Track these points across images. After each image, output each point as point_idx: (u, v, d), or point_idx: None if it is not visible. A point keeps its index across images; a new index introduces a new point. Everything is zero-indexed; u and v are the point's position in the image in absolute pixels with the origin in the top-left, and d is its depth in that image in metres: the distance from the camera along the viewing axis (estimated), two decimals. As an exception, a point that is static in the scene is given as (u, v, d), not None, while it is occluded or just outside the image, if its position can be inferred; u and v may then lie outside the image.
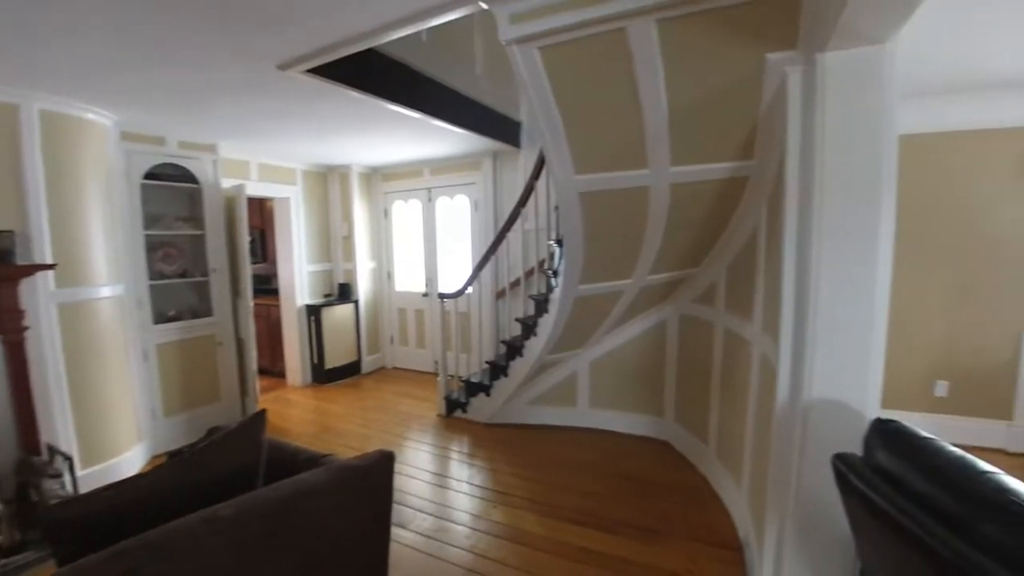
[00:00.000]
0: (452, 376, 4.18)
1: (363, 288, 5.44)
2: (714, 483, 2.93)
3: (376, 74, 2.80)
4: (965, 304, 3.33)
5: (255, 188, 4.50)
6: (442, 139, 4.05)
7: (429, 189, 5.25)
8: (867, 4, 1.27)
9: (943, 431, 3.39)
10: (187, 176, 3.70)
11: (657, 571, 2.24)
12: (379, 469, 1.49)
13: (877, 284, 1.46)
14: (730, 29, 1.73)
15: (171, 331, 3.65)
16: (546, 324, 3.14)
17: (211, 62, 2.26)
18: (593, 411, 3.79)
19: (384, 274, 5.67)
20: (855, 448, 1.39)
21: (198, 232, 3.77)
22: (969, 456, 1.14)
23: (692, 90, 1.89)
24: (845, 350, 1.50)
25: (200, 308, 3.87)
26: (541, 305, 3.29)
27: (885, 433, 1.26)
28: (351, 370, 5.36)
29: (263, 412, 1.54)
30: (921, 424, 3.48)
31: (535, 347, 3.33)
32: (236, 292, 4.01)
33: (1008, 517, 0.95)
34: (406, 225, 5.54)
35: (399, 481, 3.08)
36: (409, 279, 5.58)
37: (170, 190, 3.67)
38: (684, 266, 2.89)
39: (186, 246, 3.82)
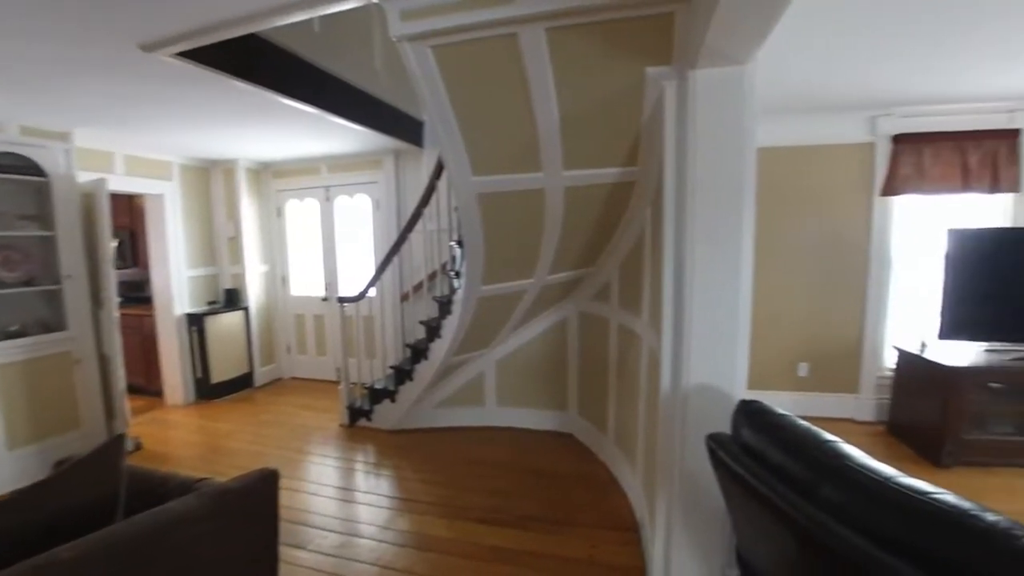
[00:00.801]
0: (355, 384, 4.01)
1: (254, 294, 5.04)
2: (614, 470, 3.10)
3: (263, 63, 2.61)
4: (820, 295, 3.83)
5: (120, 183, 3.98)
6: (340, 136, 3.87)
7: (327, 187, 4.99)
8: (726, 28, 1.41)
9: (805, 406, 3.91)
10: (32, 168, 3.17)
11: (563, 560, 2.32)
12: (261, 490, 1.38)
13: (741, 280, 1.63)
14: (613, 42, 1.84)
15: (14, 349, 3.11)
16: (450, 325, 3.12)
17: (59, 35, 1.95)
18: (501, 409, 3.83)
19: (278, 278, 5.30)
20: (726, 428, 1.54)
21: (47, 233, 3.25)
22: (815, 428, 1.30)
23: (581, 98, 1.98)
24: (716, 340, 1.66)
25: (52, 321, 3.35)
26: (445, 307, 3.26)
27: (748, 412, 1.40)
28: (242, 383, 4.94)
29: (121, 436, 1.36)
30: (787, 401, 3.96)
31: (440, 349, 3.30)
32: (97, 301, 3.52)
33: (843, 479, 1.10)
34: (302, 225, 5.22)
35: (298, 499, 2.90)
36: (306, 283, 5.26)
37: (10, 184, 3.13)
38: (581, 266, 3.03)
39: (32, 249, 3.28)
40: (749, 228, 1.63)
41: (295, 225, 5.24)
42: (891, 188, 3.60)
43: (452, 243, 3.41)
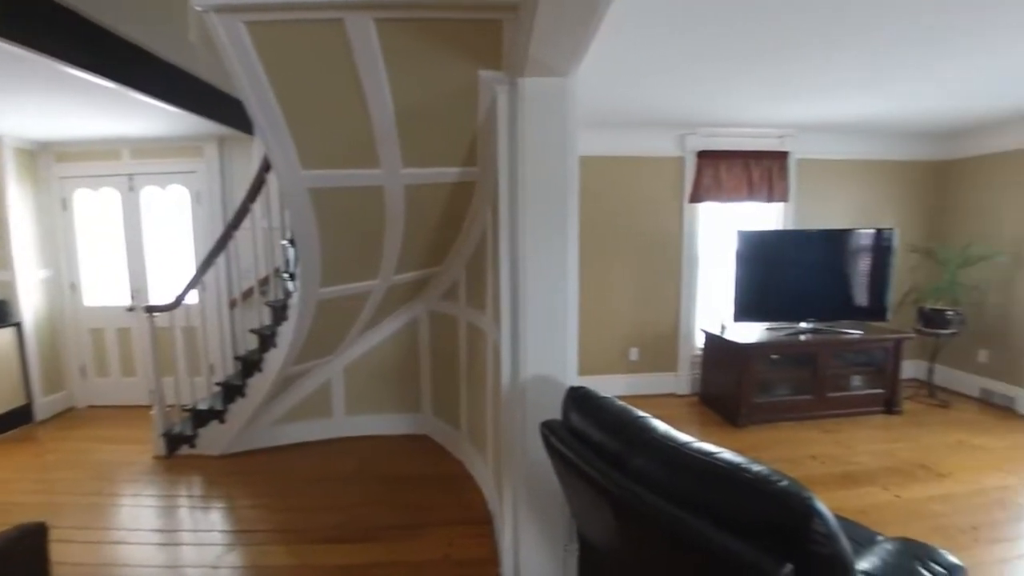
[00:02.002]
0: (172, 406, 3.47)
1: (30, 306, 4.06)
2: (469, 466, 3.14)
3: (37, 21, 2.10)
4: (644, 288, 4.33)
5: None
6: (145, 115, 3.29)
7: (130, 176, 4.22)
8: (546, 41, 1.50)
9: (637, 386, 4.38)
10: None
11: (419, 565, 2.27)
12: (21, 549, 1.11)
13: (568, 276, 1.75)
14: (447, 42, 1.84)
15: None
16: (287, 333, 2.86)
17: None
18: (351, 418, 3.63)
19: (66, 285, 4.35)
20: (560, 414, 1.64)
21: None
22: (629, 407, 1.45)
23: (416, 94, 1.95)
24: (549, 332, 1.76)
25: None
26: (279, 312, 2.98)
27: (576, 398, 1.51)
28: (17, 419, 3.96)
29: None
30: (622, 383, 4.38)
31: (276, 359, 3.01)
32: None
33: (650, 450, 1.24)
34: (98, 221, 4.33)
35: (98, 552, 2.41)
36: (106, 291, 4.39)
37: None
38: (429, 265, 3.00)
39: None
40: (574, 228, 1.76)
41: (88, 221, 4.33)
42: (696, 196, 4.21)
43: (284, 242, 3.13)
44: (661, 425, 1.31)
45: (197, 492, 3.03)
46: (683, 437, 1.24)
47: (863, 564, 1.47)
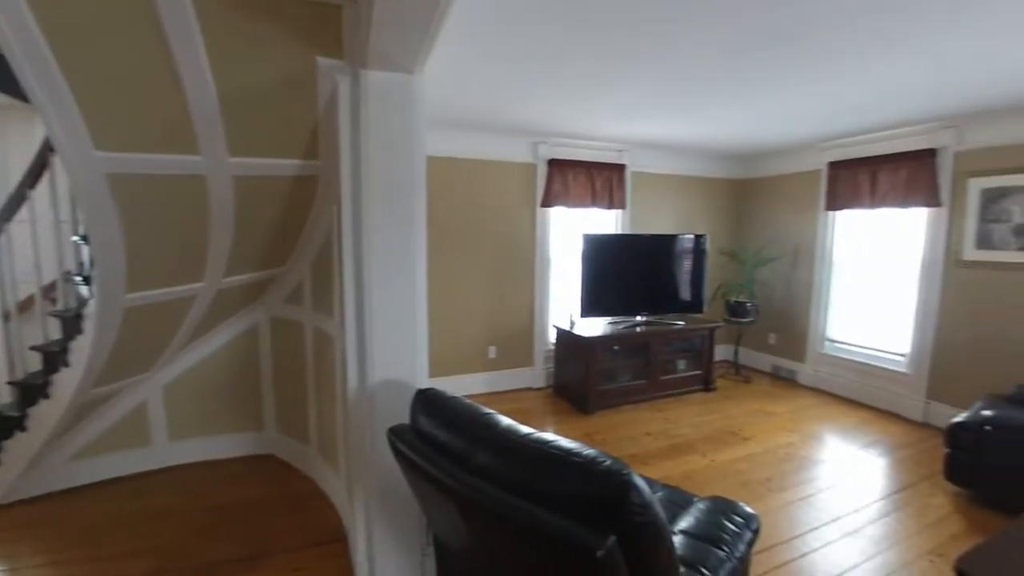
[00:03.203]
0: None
1: None
2: (320, 482, 2.92)
3: None
4: (501, 288, 4.47)
5: None
6: None
7: None
8: (386, 33, 1.45)
9: (496, 382, 4.48)
10: None
11: (255, 599, 2.05)
12: None
13: (416, 276, 1.72)
14: (279, 23, 1.69)
15: None
16: (83, 348, 2.36)
17: None
18: (175, 444, 3.14)
19: None
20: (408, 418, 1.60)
21: None
22: (475, 405, 1.46)
23: (244, 77, 1.75)
24: (397, 335, 1.71)
25: None
26: (72, 324, 2.45)
27: (423, 400, 1.49)
28: None
29: None
30: (482, 380, 4.44)
31: (69, 381, 2.47)
32: None
33: (492, 445, 1.26)
34: None
35: None
36: None
37: None
38: (268, 266, 2.73)
39: None
40: (421, 227, 1.74)
41: None
42: (547, 201, 4.46)
43: (75, 238, 2.59)
44: (504, 420, 1.35)
45: (-49, 559, 2.36)
46: (524, 429, 1.29)
47: (681, 524, 1.68)
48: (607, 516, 1.01)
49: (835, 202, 4.52)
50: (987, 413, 2.78)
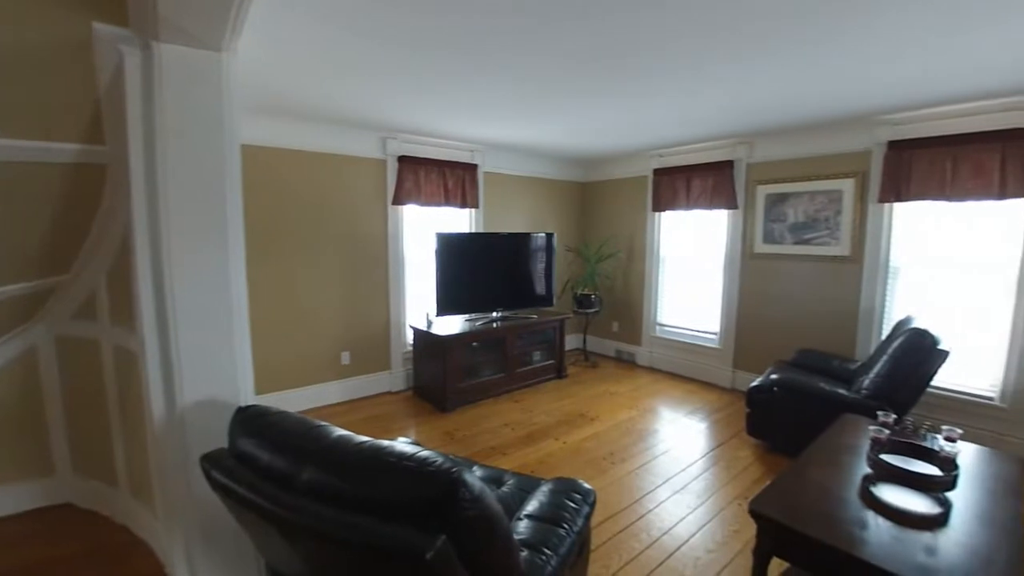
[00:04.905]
0: None
1: None
2: (135, 527, 2.48)
3: None
4: (353, 290, 4.24)
5: None
6: None
7: None
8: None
9: (352, 389, 4.24)
10: None
11: None
12: None
13: (232, 279, 1.53)
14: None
15: None
16: None
17: None
18: (-87, 509, 2.42)
19: None
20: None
21: None
22: (306, 419, 1.35)
23: (-15, 36, 1.40)
24: (212, 347, 1.51)
25: None
26: None
27: (244, 419, 1.33)
28: None
29: None
30: (336, 389, 4.18)
31: None
32: None
33: (321, 460, 1.17)
34: None
35: None
36: None
37: None
38: (46, 274, 2.22)
39: None
40: (237, 225, 1.55)
41: None
42: (399, 199, 4.35)
43: None
44: (337, 431, 1.26)
45: None
46: (359, 438, 1.22)
47: (527, 508, 1.75)
48: (438, 516, 1.00)
49: (659, 204, 5.12)
50: (775, 376, 3.37)
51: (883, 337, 3.62)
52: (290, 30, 2.13)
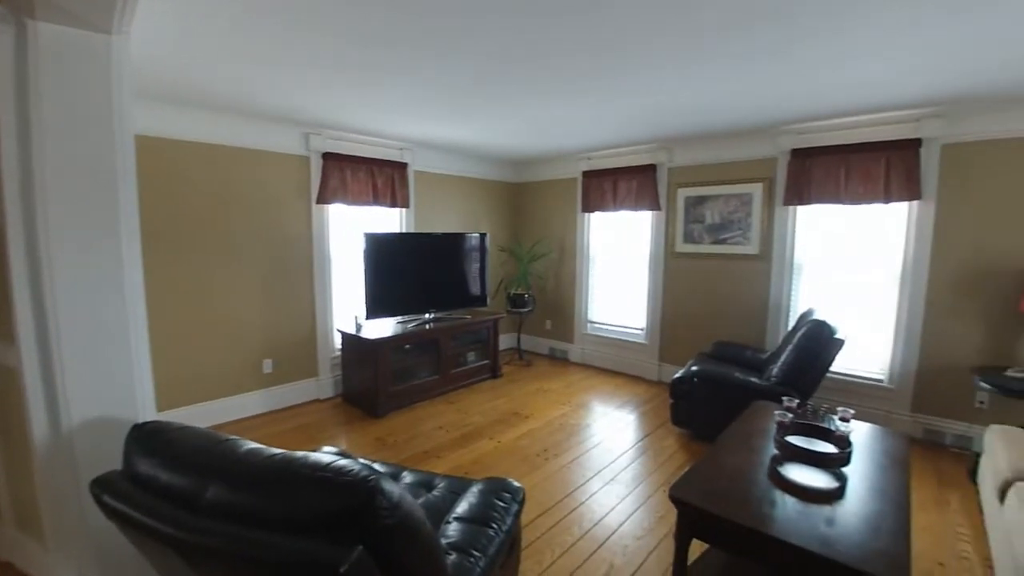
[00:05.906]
0: None
1: None
2: (23, 564, 2.20)
3: None
4: (274, 294, 4.02)
5: None
6: None
7: None
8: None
9: (275, 399, 4.02)
10: None
11: None
12: None
13: (127, 284, 1.40)
14: None
15: None
16: None
17: None
18: None
19: None
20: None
21: None
22: (213, 433, 1.26)
23: None
24: (103, 359, 1.37)
25: None
26: None
27: (140, 437, 1.22)
28: None
29: None
30: (257, 399, 3.93)
31: None
32: None
33: (227, 476, 1.10)
34: None
35: None
36: None
37: None
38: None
39: None
40: (132, 225, 1.42)
41: None
42: (323, 197, 4.17)
43: None
44: (247, 444, 1.19)
45: None
46: (270, 450, 1.16)
47: (457, 511, 1.73)
48: (356, 527, 0.97)
49: (588, 205, 5.27)
50: (695, 368, 3.57)
51: (789, 328, 3.94)
52: (197, 14, 1.98)
